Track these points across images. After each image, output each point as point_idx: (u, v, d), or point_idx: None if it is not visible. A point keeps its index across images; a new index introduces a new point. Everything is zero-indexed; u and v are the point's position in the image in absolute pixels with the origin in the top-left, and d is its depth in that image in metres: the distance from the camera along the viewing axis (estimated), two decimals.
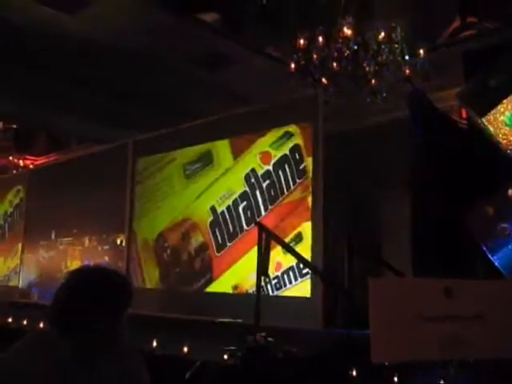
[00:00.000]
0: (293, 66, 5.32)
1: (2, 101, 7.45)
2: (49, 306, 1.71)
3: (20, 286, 7.24)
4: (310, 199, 4.52)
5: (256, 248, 3.58)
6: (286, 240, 4.24)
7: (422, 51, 5.15)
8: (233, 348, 3.43)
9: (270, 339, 2.95)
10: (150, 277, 5.73)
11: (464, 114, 5.42)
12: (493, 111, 4.64)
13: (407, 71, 5.24)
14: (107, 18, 5.87)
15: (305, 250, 4.32)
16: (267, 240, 3.46)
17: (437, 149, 5.09)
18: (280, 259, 4.41)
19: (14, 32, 6.01)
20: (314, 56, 5.17)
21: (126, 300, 1.73)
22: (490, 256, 4.27)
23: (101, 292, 1.67)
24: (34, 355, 1.61)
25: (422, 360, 2.10)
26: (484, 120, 4.66)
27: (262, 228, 3.55)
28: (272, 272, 4.25)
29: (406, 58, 5.08)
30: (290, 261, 4.38)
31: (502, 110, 4.61)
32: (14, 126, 9.48)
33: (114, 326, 1.68)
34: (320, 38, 5.11)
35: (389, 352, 2.04)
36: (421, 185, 5.72)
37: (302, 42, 5.14)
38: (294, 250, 3.97)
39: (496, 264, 4.24)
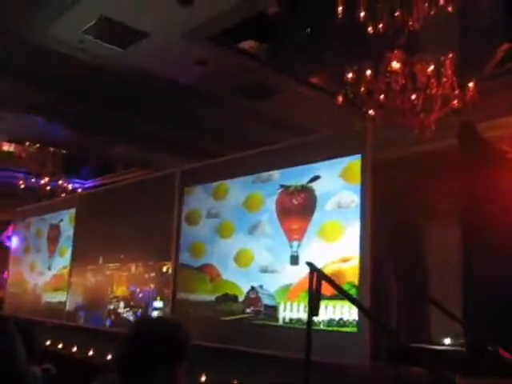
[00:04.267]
0: (340, 98, 5.37)
1: (55, 129, 7.75)
2: (114, 356, 1.80)
3: (67, 308, 7.40)
4: None
5: None
6: None
7: (471, 84, 5.12)
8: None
9: None
10: None
11: None
12: None
13: (456, 103, 5.22)
14: (157, 50, 6.05)
15: None
16: (318, 280, 3.45)
17: (484, 180, 5.02)
18: None
19: (65, 63, 6.25)
20: (362, 89, 5.20)
21: (186, 354, 1.81)
22: None
23: (164, 345, 1.75)
24: None
25: None
26: None
27: (313, 268, 3.55)
28: None
29: (456, 92, 5.06)
30: None
31: None
32: (63, 151, 9.83)
33: (172, 378, 1.76)
34: (368, 72, 5.15)
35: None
36: (467, 218, 5.64)
37: (350, 75, 5.18)
38: (344, 290, 3.95)
39: None
